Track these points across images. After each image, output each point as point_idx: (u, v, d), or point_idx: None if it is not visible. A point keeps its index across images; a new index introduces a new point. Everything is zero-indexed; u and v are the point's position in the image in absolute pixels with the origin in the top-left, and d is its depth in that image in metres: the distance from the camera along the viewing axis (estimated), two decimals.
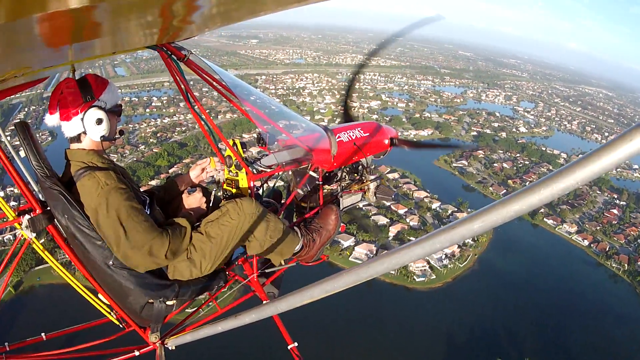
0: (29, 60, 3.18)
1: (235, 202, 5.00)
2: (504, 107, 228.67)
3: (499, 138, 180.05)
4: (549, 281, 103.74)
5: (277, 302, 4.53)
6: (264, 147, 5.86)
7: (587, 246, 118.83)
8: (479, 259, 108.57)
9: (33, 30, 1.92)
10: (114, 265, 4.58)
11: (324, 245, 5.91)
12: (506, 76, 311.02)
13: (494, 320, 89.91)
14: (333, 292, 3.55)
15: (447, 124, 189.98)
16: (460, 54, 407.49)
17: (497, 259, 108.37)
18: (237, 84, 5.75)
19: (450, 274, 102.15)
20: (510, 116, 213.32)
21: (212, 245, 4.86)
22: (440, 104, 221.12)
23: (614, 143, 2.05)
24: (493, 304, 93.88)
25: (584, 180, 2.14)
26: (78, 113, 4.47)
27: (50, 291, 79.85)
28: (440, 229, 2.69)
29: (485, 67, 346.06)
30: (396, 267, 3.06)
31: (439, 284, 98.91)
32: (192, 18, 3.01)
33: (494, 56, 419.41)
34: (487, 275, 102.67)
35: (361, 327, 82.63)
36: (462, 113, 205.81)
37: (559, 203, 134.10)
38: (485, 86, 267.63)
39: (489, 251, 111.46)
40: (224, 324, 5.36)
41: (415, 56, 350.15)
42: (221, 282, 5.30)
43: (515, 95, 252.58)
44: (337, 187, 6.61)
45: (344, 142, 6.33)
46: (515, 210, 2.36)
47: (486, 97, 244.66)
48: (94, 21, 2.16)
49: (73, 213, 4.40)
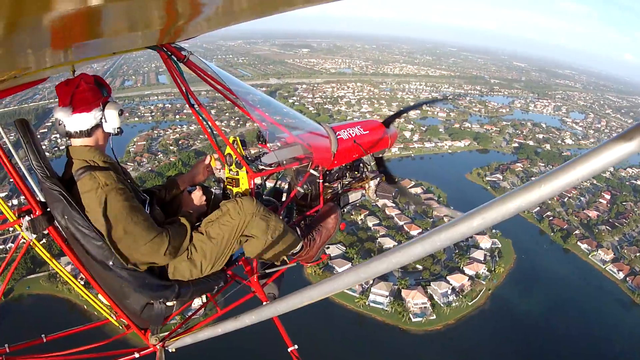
0: (29, 60, 3.10)
1: (235, 202, 4.83)
2: (552, 118, 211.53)
3: (542, 150, 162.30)
4: (571, 325, 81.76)
5: (277, 303, 4.35)
6: (264, 145, 5.70)
7: (621, 280, 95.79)
8: (491, 296, 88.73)
9: (33, 30, 1.90)
10: (114, 266, 4.36)
11: (324, 244, 5.78)
12: (558, 87, 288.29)
13: None
14: (333, 293, 3.51)
15: (487, 134, 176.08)
16: (515, 64, 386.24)
17: (512, 296, 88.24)
18: (237, 84, 5.61)
19: (454, 314, 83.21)
20: (557, 127, 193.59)
21: (212, 246, 4.71)
22: (484, 114, 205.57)
23: (614, 141, 2.01)
24: (498, 357, 74.24)
25: (584, 178, 2.13)
26: (99, 105, 4.36)
27: (36, 301, 77.80)
28: (439, 227, 2.62)
29: (538, 77, 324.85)
30: (397, 267, 2.96)
31: (438, 326, 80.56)
32: (193, 19, 3.00)
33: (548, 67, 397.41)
34: (497, 317, 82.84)
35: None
36: (505, 124, 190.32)
37: (598, 223, 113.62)
38: (535, 96, 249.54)
39: (506, 285, 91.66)
40: (224, 326, 5.15)
41: (468, 66, 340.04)
42: (221, 282, 5.04)
43: (565, 106, 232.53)
44: (337, 185, 6.35)
45: (345, 140, 6.10)
46: (515, 207, 2.31)
47: (534, 108, 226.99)
48: (94, 21, 2.18)
49: (73, 214, 4.18)
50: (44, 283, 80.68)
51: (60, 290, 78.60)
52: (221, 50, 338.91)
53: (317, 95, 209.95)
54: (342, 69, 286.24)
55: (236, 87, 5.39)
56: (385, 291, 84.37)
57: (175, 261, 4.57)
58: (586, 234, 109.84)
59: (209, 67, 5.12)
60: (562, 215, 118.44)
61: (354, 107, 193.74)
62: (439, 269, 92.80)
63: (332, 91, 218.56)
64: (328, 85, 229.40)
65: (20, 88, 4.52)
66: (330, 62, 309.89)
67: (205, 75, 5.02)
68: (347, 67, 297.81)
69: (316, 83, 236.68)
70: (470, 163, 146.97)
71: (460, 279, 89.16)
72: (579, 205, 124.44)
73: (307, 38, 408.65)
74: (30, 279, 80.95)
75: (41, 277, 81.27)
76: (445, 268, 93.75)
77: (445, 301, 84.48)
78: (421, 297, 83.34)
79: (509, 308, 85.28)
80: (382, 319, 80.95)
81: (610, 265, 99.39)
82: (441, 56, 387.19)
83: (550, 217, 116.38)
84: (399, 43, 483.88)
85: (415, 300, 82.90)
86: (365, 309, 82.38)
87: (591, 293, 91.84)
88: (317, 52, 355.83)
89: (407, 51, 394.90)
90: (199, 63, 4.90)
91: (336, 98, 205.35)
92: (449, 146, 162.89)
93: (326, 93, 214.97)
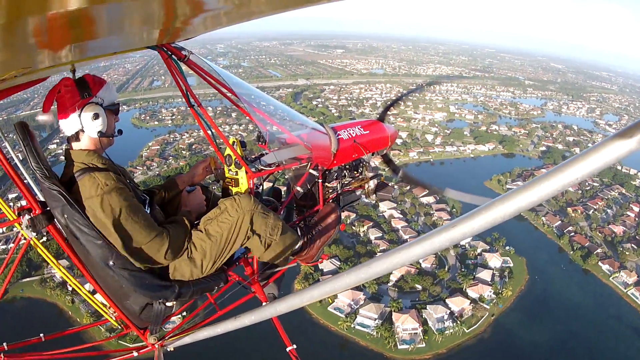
0: (29, 60, 3.03)
1: (233, 199, 4.73)
2: (585, 120, 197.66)
3: (570, 153, 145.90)
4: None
5: (277, 304, 4.47)
6: (263, 146, 5.66)
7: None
8: (494, 322, 76.91)
9: (33, 30, 1.88)
10: (114, 266, 4.28)
11: (324, 244, 5.64)
12: (594, 89, 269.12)
13: None
14: (333, 294, 3.65)
15: (514, 137, 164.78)
16: (552, 66, 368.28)
17: (518, 324, 76.06)
18: (238, 83, 5.45)
19: (448, 342, 72.12)
20: (589, 130, 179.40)
21: (211, 244, 4.60)
22: (515, 116, 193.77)
23: (614, 139, 1.99)
24: None
25: (584, 177, 2.12)
26: (75, 110, 4.27)
27: (28, 304, 75.29)
28: (440, 227, 2.60)
29: (574, 79, 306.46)
30: (397, 268, 2.98)
31: (427, 355, 69.98)
32: (193, 18, 2.95)
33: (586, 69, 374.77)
34: (497, 347, 70.82)
35: None
36: (535, 126, 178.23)
37: (623, 240, 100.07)
38: (569, 98, 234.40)
39: (512, 311, 79.49)
40: (224, 326, 5.27)
41: (504, 67, 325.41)
42: (221, 283, 4.93)
43: (599, 108, 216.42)
44: (337, 185, 6.12)
45: (344, 140, 5.98)
46: (517, 207, 2.30)
47: (567, 110, 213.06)
48: (94, 21, 2.16)
49: (73, 212, 4.14)
50: (37, 287, 78.79)
51: (49, 295, 76.43)
52: (255, 50, 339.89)
53: (342, 96, 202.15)
54: (374, 70, 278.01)
55: (237, 87, 5.18)
56: (375, 313, 75.12)
57: (175, 261, 4.46)
58: (609, 252, 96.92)
59: (210, 66, 4.95)
60: (584, 230, 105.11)
61: (379, 109, 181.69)
62: (439, 290, 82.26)
63: (360, 92, 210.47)
64: (356, 87, 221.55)
65: (20, 88, 4.38)
66: (363, 62, 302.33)
67: (205, 75, 4.84)
68: (380, 67, 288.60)
69: (345, 84, 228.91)
70: (492, 169, 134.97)
71: (460, 303, 78.33)
72: (604, 219, 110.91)
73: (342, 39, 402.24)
74: (25, 282, 78.71)
75: (35, 280, 79.55)
76: (447, 289, 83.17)
77: (440, 327, 74.10)
78: (413, 321, 73.30)
79: (511, 338, 73.65)
80: (366, 344, 71.67)
81: (633, 289, 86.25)
82: (477, 57, 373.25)
83: (572, 233, 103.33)
84: (436, 44, 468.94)
85: (406, 325, 73.00)
86: (350, 332, 72.86)
87: (608, 321, 79.21)
88: (352, 53, 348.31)
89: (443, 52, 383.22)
90: (199, 62, 4.73)
91: (362, 100, 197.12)
92: (472, 150, 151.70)
93: (353, 94, 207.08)
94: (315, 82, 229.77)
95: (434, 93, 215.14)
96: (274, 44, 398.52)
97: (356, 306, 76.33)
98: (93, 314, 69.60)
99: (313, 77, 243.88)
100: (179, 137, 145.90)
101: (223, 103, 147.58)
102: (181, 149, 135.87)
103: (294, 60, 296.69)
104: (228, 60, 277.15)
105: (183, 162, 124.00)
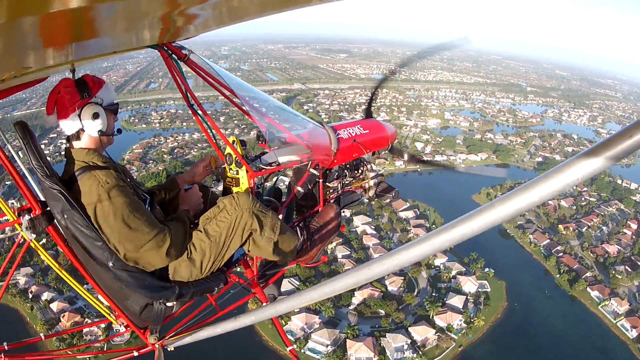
0: (29, 60, 3.02)
1: (231, 198, 4.62)
2: (587, 129, 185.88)
3: None
4: None
5: (277, 304, 4.40)
6: (263, 145, 5.50)
7: (634, 339, 71.59)
8: (461, 354, 67.16)
9: (33, 30, 1.88)
10: (114, 267, 4.21)
11: (324, 245, 5.53)
12: (597, 96, 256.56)
13: None
14: (332, 295, 3.42)
15: (509, 147, 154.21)
16: (557, 73, 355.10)
17: (488, 357, 66.15)
18: (238, 83, 5.36)
19: None
20: (590, 139, 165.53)
21: (211, 243, 4.49)
22: (512, 124, 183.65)
23: (614, 139, 1.97)
24: None
25: (585, 177, 2.09)
26: (75, 110, 4.20)
27: None
28: (440, 228, 2.56)
29: (577, 86, 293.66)
30: (396, 269, 2.93)
31: None
32: (193, 17, 2.90)
33: (591, 76, 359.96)
34: None
35: None
36: (532, 135, 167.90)
37: (616, 262, 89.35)
38: (571, 105, 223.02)
39: (483, 343, 69.12)
40: (224, 326, 5.21)
41: (507, 74, 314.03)
42: (221, 283, 4.82)
43: (601, 116, 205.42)
44: (337, 185, 6.05)
45: (345, 139, 5.91)
46: (517, 208, 2.26)
47: (568, 118, 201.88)
48: (94, 21, 2.14)
49: (73, 213, 4.07)
50: None
51: (11, 301, 72.27)
52: (258, 54, 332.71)
53: (335, 101, 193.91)
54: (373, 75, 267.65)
55: (237, 86, 5.09)
56: (327, 339, 66.81)
57: (175, 261, 4.36)
58: (599, 276, 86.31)
59: (210, 66, 4.87)
60: (575, 250, 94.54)
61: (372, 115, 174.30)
62: (402, 316, 72.42)
63: (354, 97, 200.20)
64: (351, 92, 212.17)
65: (20, 88, 4.30)
66: (365, 67, 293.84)
67: (205, 75, 4.76)
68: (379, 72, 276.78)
69: (340, 89, 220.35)
70: (482, 180, 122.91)
71: (424, 332, 68.82)
72: (598, 237, 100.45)
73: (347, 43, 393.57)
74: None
75: None
76: (413, 315, 73.35)
77: (399, 357, 65.08)
78: (368, 350, 64.77)
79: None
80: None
81: (623, 320, 75.36)
82: (482, 63, 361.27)
83: (560, 254, 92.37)
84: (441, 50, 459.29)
85: (359, 353, 64.84)
86: (301, 357, 64.05)
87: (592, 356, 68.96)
88: (354, 58, 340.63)
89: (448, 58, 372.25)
90: (199, 62, 4.63)
91: (354, 105, 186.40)
92: (463, 160, 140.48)
93: (347, 99, 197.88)
94: (311, 86, 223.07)
95: (432, 99, 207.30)
96: (279, 47, 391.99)
97: (309, 330, 68.00)
98: (46, 323, 67.11)
99: (310, 81, 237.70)
100: (164, 141, 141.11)
101: (228, 106, 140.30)
102: (163, 153, 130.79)
103: (295, 64, 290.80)
104: (229, 63, 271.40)
105: (162, 167, 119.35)
